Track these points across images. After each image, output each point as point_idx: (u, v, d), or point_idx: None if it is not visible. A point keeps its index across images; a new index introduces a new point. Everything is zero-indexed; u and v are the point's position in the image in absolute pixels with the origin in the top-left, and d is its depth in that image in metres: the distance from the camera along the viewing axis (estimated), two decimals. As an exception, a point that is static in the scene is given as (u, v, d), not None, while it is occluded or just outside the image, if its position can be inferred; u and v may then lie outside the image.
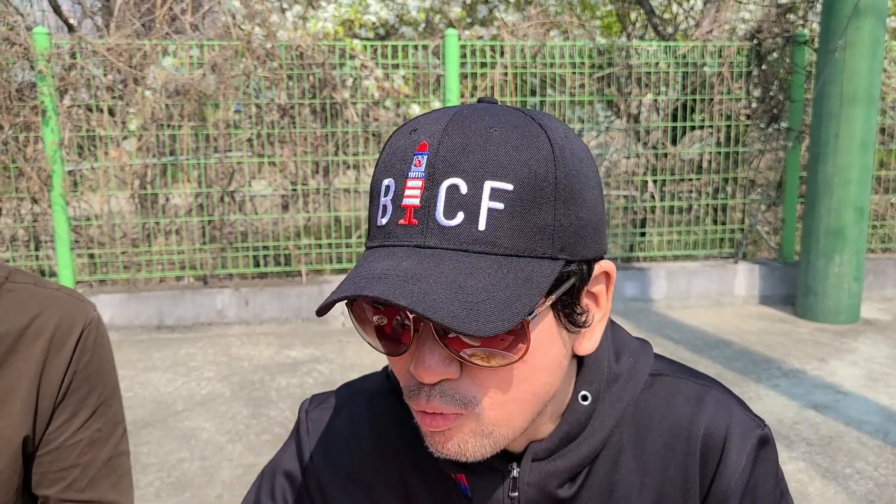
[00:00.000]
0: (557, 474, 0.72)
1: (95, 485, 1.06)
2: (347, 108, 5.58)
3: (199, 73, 5.22)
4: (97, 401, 1.07)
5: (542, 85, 5.93)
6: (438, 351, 0.61)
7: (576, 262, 0.63)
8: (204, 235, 5.62)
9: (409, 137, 0.62)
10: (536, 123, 0.63)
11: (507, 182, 0.59)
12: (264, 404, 4.10)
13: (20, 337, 1.00)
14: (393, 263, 0.59)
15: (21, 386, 0.99)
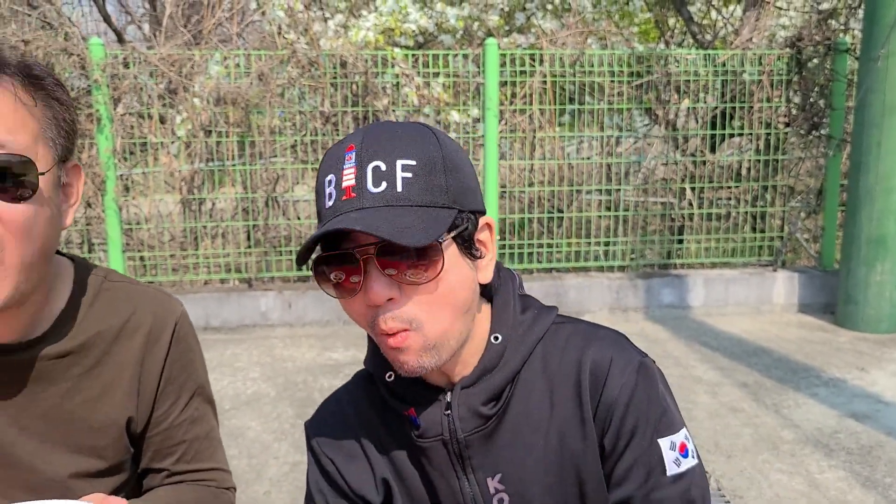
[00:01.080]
0: (479, 395, 0.96)
1: (200, 456, 1.20)
2: (388, 115, 5.70)
3: (245, 82, 5.38)
4: (194, 385, 1.20)
5: (580, 92, 5.99)
6: (381, 278, 0.86)
7: (465, 211, 0.91)
8: (249, 239, 5.78)
9: (339, 147, 0.90)
10: (425, 127, 0.93)
11: (412, 160, 0.87)
12: (308, 404, 4.21)
13: (121, 331, 1.11)
14: (343, 219, 0.85)
15: (124, 374, 1.11)
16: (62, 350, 1.06)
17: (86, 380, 1.08)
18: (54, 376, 1.05)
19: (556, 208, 6.07)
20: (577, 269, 6.10)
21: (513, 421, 0.98)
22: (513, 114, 5.86)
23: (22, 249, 0.91)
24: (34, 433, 1.04)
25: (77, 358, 1.07)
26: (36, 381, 1.04)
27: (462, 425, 0.96)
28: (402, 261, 0.86)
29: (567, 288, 5.79)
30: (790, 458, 3.44)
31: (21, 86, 0.93)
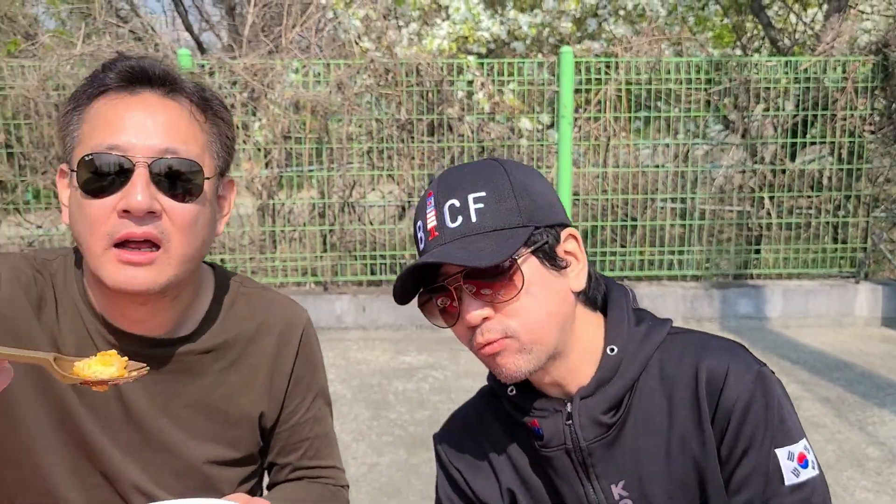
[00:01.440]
0: (598, 405, 1.01)
1: (320, 453, 1.29)
2: (462, 122, 5.77)
3: (325, 91, 5.52)
4: (317, 386, 1.29)
5: (655, 99, 5.94)
6: (473, 302, 0.95)
7: (542, 227, 0.98)
8: (324, 243, 5.92)
9: (422, 197, 1.03)
10: (491, 160, 1.02)
11: (482, 191, 0.97)
12: (383, 407, 4.29)
13: (256, 333, 1.21)
14: (426, 257, 0.96)
15: (259, 372, 1.21)
16: (207, 347, 1.16)
17: (226, 375, 1.18)
18: (199, 371, 1.15)
19: (629, 216, 6.03)
20: (650, 278, 6.04)
21: (633, 429, 1.02)
22: (586, 121, 5.85)
23: (185, 243, 1.03)
24: (180, 421, 1.14)
25: (219, 355, 1.17)
26: (183, 373, 1.14)
27: (584, 434, 1.01)
28: (488, 283, 0.95)
29: (640, 297, 5.69)
30: (876, 477, 3.35)
31: (194, 105, 1.06)
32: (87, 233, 1.00)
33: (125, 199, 0.97)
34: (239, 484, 1.21)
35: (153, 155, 0.99)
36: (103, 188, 0.98)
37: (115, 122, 1.00)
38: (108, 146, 0.99)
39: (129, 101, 1.02)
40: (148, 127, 1.00)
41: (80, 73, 5.55)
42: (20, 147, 5.69)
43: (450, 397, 4.41)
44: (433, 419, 4.11)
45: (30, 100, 5.53)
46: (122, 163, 0.98)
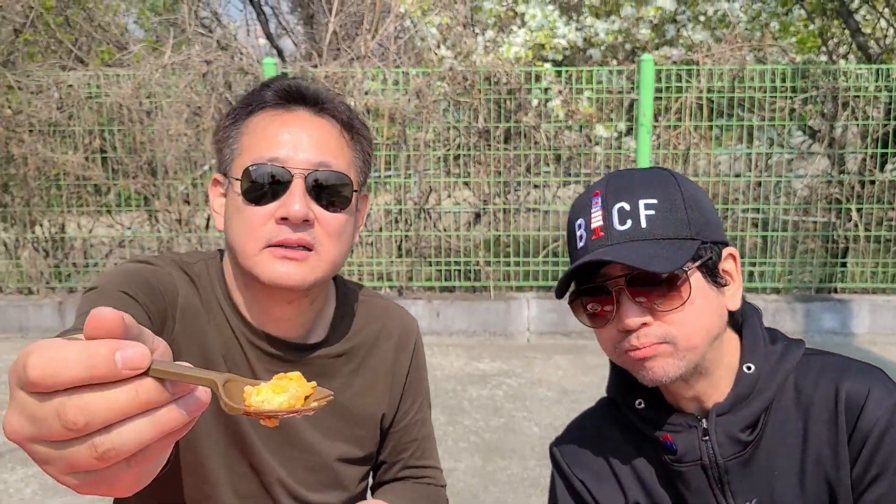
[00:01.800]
0: (737, 422, 1.00)
1: (425, 454, 1.37)
2: (538, 130, 5.76)
3: (404, 98, 5.60)
4: (424, 390, 1.38)
5: (738, 107, 5.81)
6: (633, 306, 0.96)
7: (708, 243, 0.98)
8: (399, 249, 6.00)
9: (586, 195, 1.03)
10: (663, 170, 1.03)
11: (654, 198, 0.97)
12: (458, 413, 4.32)
13: (378, 338, 1.30)
14: (593, 255, 0.96)
15: (380, 375, 1.29)
16: (338, 351, 1.24)
17: (353, 378, 1.26)
18: (331, 373, 1.23)
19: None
20: (729, 290, 5.91)
21: (767, 448, 1.02)
22: (665, 129, 5.78)
23: (333, 249, 1.11)
24: (314, 420, 1.21)
25: (348, 358, 1.25)
26: (317, 376, 1.20)
27: (721, 451, 1.01)
28: (651, 289, 0.95)
29: (718, 308, 5.62)
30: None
31: (342, 124, 1.15)
32: (245, 236, 1.08)
33: (284, 208, 1.05)
34: (359, 481, 1.29)
35: (308, 167, 1.07)
36: (263, 196, 1.06)
37: (273, 136, 1.08)
38: (268, 158, 1.07)
39: (285, 117, 1.11)
40: (303, 141, 1.09)
41: (170, 82, 5.78)
42: (113, 152, 5.95)
43: (524, 405, 4.42)
44: (508, 427, 4.12)
45: (123, 107, 5.79)
46: (282, 174, 1.06)
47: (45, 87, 5.85)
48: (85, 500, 3.35)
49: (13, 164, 5.89)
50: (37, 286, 6.21)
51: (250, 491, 1.18)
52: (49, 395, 0.47)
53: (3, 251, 6.35)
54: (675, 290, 0.95)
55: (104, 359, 0.47)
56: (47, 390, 0.47)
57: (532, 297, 5.85)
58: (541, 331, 5.79)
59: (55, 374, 0.46)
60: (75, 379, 0.47)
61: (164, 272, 1.12)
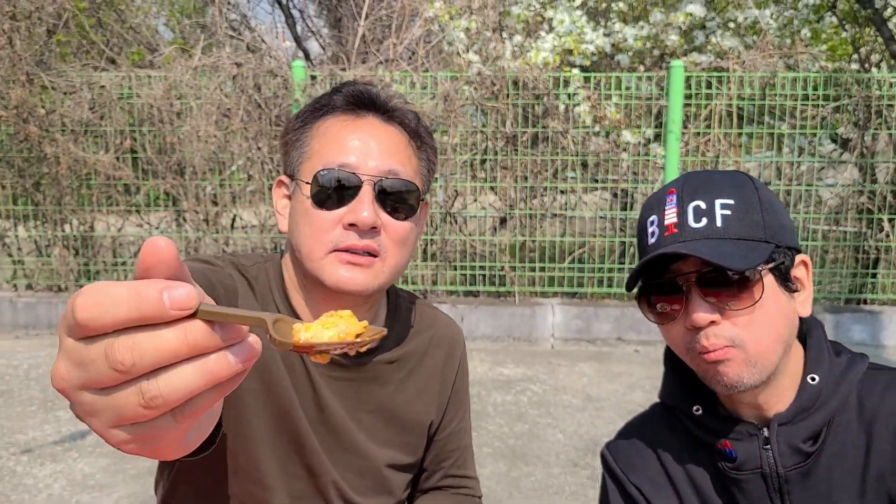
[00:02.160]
0: (799, 433, 1.00)
1: (466, 463, 1.37)
2: (566, 136, 5.75)
3: (431, 103, 5.61)
4: (467, 399, 1.39)
5: (766, 114, 5.76)
6: (703, 304, 0.95)
7: (781, 247, 0.98)
8: (425, 252, 6.00)
9: (660, 192, 1.03)
10: (740, 173, 1.02)
11: (730, 199, 0.97)
12: (482, 418, 4.32)
13: (428, 346, 1.30)
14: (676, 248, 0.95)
15: (431, 383, 1.30)
16: (391, 357, 1.24)
17: (404, 384, 1.26)
18: (384, 379, 1.23)
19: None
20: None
21: (827, 461, 1.01)
22: (693, 136, 5.73)
23: (398, 256, 1.12)
24: (365, 425, 1.21)
25: (400, 365, 1.25)
26: (370, 381, 1.22)
27: (782, 460, 1.01)
28: (722, 288, 0.95)
29: (746, 318, 5.57)
30: None
31: (409, 132, 1.16)
32: (311, 239, 1.09)
33: (352, 214, 1.06)
34: (405, 487, 1.29)
35: (377, 174, 1.08)
36: (332, 201, 1.08)
37: (343, 141, 1.10)
38: (338, 164, 1.08)
39: (355, 123, 1.12)
40: (372, 148, 1.09)
41: (200, 83, 5.84)
42: (143, 153, 6.02)
43: (548, 412, 4.40)
44: (532, 433, 4.10)
45: (154, 108, 5.85)
46: (351, 180, 1.08)
47: (78, 87, 5.93)
48: (112, 497, 3.38)
49: (46, 162, 5.97)
50: (66, 283, 6.29)
51: (304, 492, 1.18)
52: (97, 337, 0.47)
53: (33, 249, 6.44)
54: (747, 290, 0.94)
55: (152, 298, 0.46)
56: (95, 332, 0.47)
57: (557, 302, 5.83)
58: (565, 337, 5.76)
59: (103, 314, 0.46)
60: (123, 319, 0.46)
61: (224, 273, 1.13)
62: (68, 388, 0.49)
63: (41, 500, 3.37)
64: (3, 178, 6.15)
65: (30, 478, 3.56)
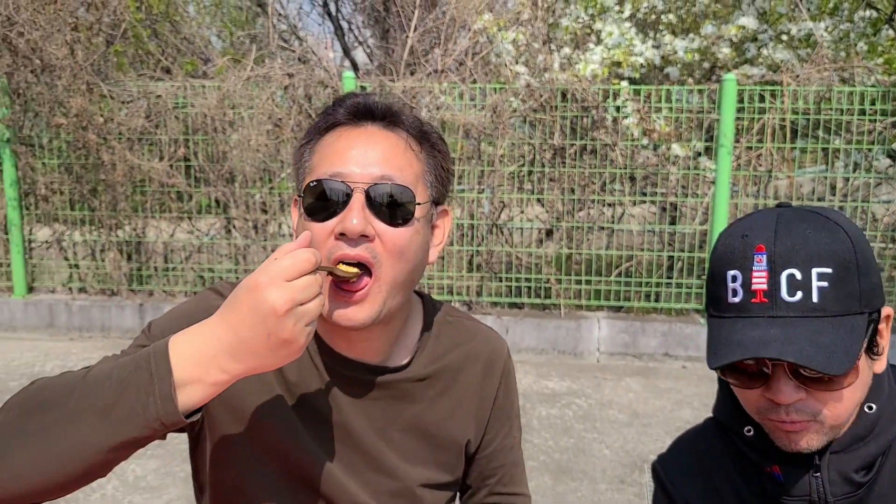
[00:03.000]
0: (851, 462, 0.97)
1: (514, 480, 1.33)
2: (614, 149, 5.71)
3: (480, 114, 5.63)
4: (514, 415, 1.34)
5: (822, 129, 5.65)
6: (790, 383, 0.91)
7: (875, 312, 0.92)
8: (470, 264, 6.01)
9: (743, 241, 0.93)
10: (833, 222, 0.93)
11: (828, 267, 0.89)
12: (527, 431, 4.29)
13: (464, 362, 1.25)
14: (763, 332, 0.89)
15: (467, 400, 1.25)
16: (421, 375, 1.20)
17: (437, 402, 1.22)
18: (414, 397, 1.20)
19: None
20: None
21: (881, 492, 0.98)
22: (745, 150, 5.65)
23: (394, 268, 1.06)
24: (395, 445, 1.19)
25: (432, 382, 1.21)
26: (399, 399, 1.19)
27: (832, 489, 0.98)
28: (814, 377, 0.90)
29: (797, 336, 5.46)
30: None
31: (411, 136, 1.12)
32: None
33: (342, 223, 1.03)
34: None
35: (369, 181, 1.04)
36: (324, 211, 1.05)
37: (339, 151, 1.07)
38: (331, 173, 1.05)
39: (353, 132, 1.09)
40: (368, 156, 1.06)
41: (252, 93, 5.95)
42: (196, 161, 6.15)
43: (594, 427, 4.36)
44: (578, 447, 4.07)
45: (207, 117, 5.98)
46: (341, 188, 1.04)
47: (136, 96, 6.09)
48: (163, 498, 3.45)
49: (102, 169, 6.13)
50: (118, 287, 6.45)
51: None
52: None
53: (88, 253, 6.61)
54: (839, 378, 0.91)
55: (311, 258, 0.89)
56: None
57: (602, 316, 5.78)
58: (611, 351, 5.71)
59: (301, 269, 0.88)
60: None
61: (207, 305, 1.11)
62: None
63: (94, 499, 3.45)
64: (62, 184, 6.34)
65: (84, 477, 3.64)
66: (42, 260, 6.68)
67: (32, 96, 6.19)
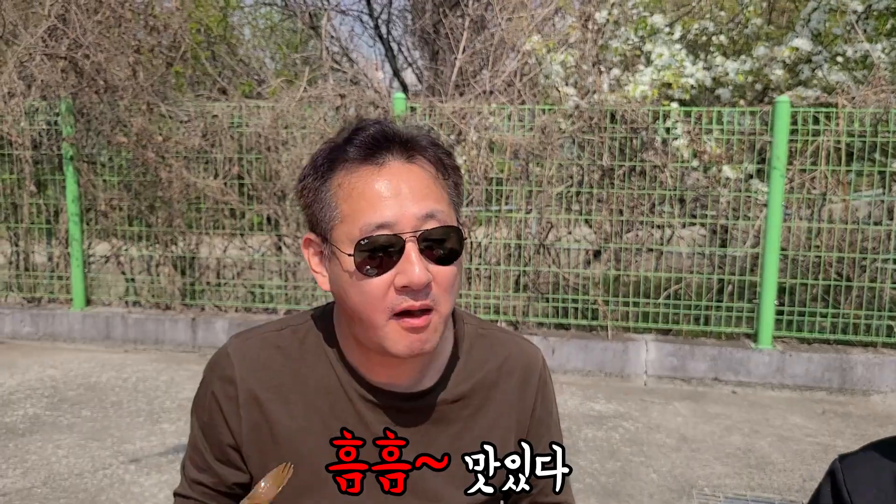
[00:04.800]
0: None
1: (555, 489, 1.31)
2: (663, 170, 5.68)
3: (529, 135, 5.65)
4: (553, 423, 1.32)
5: (877, 152, 5.53)
6: None
7: None
8: (517, 283, 6.01)
9: None
10: None
11: None
12: (573, 453, 4.25)
13: (498, 376, 1.24)
14: None
15: (504, 415, 1.24)
16: (455, 395, 1.20)
17: (474, 421, 1.21)
18: (450, 418, 1.19)
19: (843, 275, 5.62)
20: (865, 344, 5.58)
21: None
22: (799, 173, 5.56)
23: (449, 303, 1.08)
24: (437, 469, 1.18)
25: (467, 401, 1.21)
26: (435, 423, 1.19)
27: None
28: None
29: (853, 363, 5.31)
30: None
31: (433, 164, 1.09)
32: (367, 308, 1.05)
33: (403, 276, 1.01)
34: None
35: (417, 226, 1.02)
36: (378, 267, 1.03)
37: (373, 199, 1.03)
38: (375, 225, 1.02)
39: (379, 174, 1.04)
40: (405, 199, 1.03)
41: (306, 114, 6.08)
42: (249, 179, 6.30)
43: (641, 450, 4.31)
44: (625, 471, 4.02)
45: (261, 136, 6.13)
46: (394, 241, 1.02)
47: (193, 116, 6.28)
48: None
49: (160, 186, 6.33)
50: (172, 302, 6.61)
51: None
52: None
53: (144, 268, 6.81)
54: None
55: None
56: None
57: (650, 339, 5.72)
58: (659, 374, 5.64)
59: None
60: None
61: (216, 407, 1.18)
62: None
63: (148, 508, 3.53)
64: (121, 201, 6.55)
65: (137, 486, 3.74)
66: (100, 274, 6.89)
67: (95, 115, 6.43)
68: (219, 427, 1.18)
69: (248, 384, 1.16)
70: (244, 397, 1.16)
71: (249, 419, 1.16)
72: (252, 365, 1.17)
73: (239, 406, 1.16)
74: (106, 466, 3.95)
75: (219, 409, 1.17)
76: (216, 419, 1.18)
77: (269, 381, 1.16)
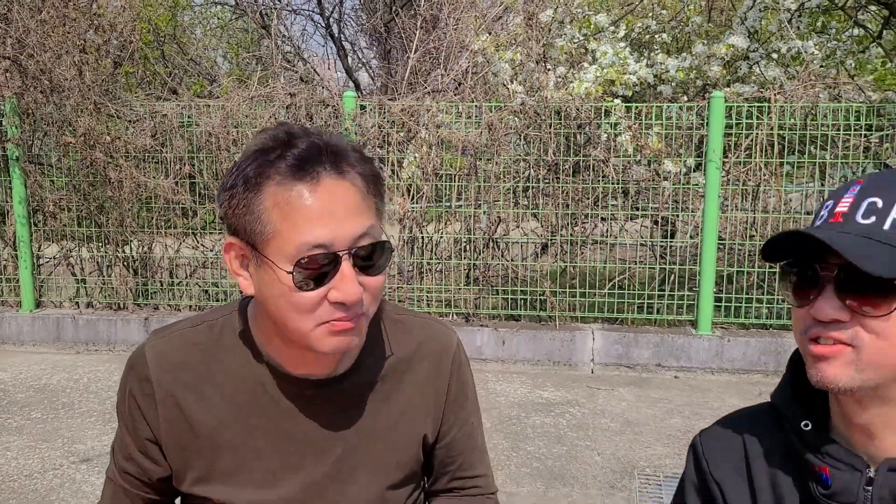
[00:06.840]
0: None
1: (473, 465, 1.37)
2: (607, 164, 5.86)
3: (477, 131, 5.79)
4: (469, 403, 1.37)
5: (811, 144, 5.79)
6: (833, 299, 0.89)
7: None
8: (468, 277, 6.14)
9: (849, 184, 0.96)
10: None
11: None
12: (521, 439, 4.40)
13: (412, 358, 1.28)
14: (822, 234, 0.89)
15: (418, 396, 1.28)
16: (368, 380, 1.24)
17: (388, 403, 1.25)
18: (364, 401, 1.23)
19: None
20: (799, 328, 5.83)
21: None
22: (734, 165, 5.79)
23: (374, 305, 1.13)
24: (353, 450, 1.22)
25: (380, 385, 1.25)
26: (350, 406, 1.22)
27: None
28: (861, 290, 0.88)
29: (787, 347, 5.56)
30: None
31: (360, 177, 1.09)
32: (297, 317, 1.07)
33: (337, 292, 1.04)
34: (406, 498, 1.31)
35: (351, 245, 1.04)
36: (313, 282, 1.05)
37: (309, 216, 1.03)
38: (313, 245, 1.03)
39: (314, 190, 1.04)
40: (339, 218, 1.04)
41: (255, 113, 6.13)
42: (201, 178, 6.31)
43: (587, 435, 4.47)
44: (570, 455, 4.18)
45: (212, 135, 6.15)
46: (330, 259, 1.04)
47: (142, 116, 6.27)
48: None
49: (110, 186, 6.30)
50: (125, 302, 6.59)
51: None
52: None
53: (95, 269, 6.77)
54: (884, 298, 0.86)
55: None
56: None
57: (597, 328, 5.90)
58: (605, 362, 5.82)
59: None
60: None
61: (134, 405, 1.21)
62: None
63: None
64: (70, 202, 6.51)
65: (88, 485, 3.77)
66: (50, 276, 6.83)
67: (41, 116, 6.38)
68: (138, 423, 1.23)
69: (163, 382, 1.19)
70: (161, 395, 1.19)
71: (167, 415, 1.19)
72: (168, 363, 1.20)
73: (156, 403, 1.19)
74: (56, 467, 3.96)
75: (137, 406, 1.21)
76: (135, 415, 1.22)
77: (185, 378, 1.20)
